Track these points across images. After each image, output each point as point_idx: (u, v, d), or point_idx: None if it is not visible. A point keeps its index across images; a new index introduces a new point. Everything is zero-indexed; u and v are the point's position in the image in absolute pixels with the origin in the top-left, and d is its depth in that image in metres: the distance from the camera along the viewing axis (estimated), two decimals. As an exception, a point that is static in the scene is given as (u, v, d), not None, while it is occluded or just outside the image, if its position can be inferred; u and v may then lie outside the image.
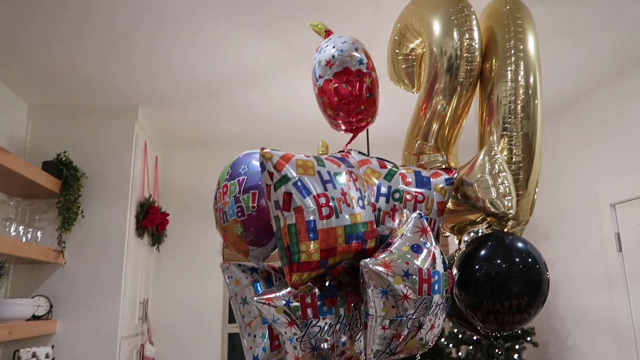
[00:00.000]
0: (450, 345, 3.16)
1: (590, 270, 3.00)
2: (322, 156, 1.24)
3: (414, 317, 1.10)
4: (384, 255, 1.13)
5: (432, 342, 1.18)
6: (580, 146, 3.14)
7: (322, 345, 1.16)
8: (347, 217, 1.14)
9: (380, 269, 1.09)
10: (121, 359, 2.87)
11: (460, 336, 3.13)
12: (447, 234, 1.67)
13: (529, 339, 3.06)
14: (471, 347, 3.04)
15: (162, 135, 3.77)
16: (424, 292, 1.11)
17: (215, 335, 3.61)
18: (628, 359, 2.67)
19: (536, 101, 1.63)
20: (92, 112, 3.12)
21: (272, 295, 1.18)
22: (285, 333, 1.16)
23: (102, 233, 2.95)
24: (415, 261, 1.13)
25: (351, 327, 1.22)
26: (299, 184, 1.12)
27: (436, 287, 1.13)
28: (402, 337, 1.10)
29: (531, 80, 1.63)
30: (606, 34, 2.43)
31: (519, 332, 3.06)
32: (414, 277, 1.10)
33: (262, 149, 1.15)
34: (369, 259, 1.11)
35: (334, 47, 1.50)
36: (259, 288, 1.34)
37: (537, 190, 1.66)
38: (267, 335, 1.28)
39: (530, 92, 1.62)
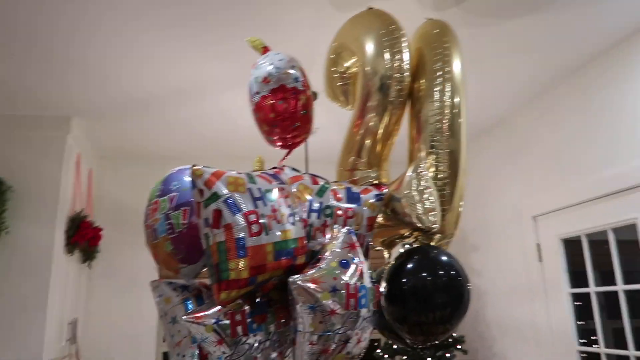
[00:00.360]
0: (386, 356, 3.23)
1: (514, 279, 3.18)
2: (254, 173, 1.26)
3: (341, 331, 1.13)
4: (312, 271, 1.15)
5: (359, 356, 1.21)
6: (505, 163, 3.33)
7: (251, 362, 1.16)
8: (277, 233, 1.15)
9: (309, 285, 1.11)
10: (46, 382, 2.72)
11: (395, 347, 3.20)
12: (378, 248, 1.72)
13: (459, 347, 3.18)
14: (405, 357, 3.12)
15: (97, 148, 3.64)
16: (351, 306, 1.14)
17: (148, 355, 3.49)
18: (548, 362, 2.84)
19: (460, 120, 1.72)
20: (20, 123, 2.96)
21: (202, 313, 1.17)
22: (214, 352, 1.15)
23: (27, 250, 2.80)
24: (343, 277, 1.16)
25: (281, 343, 1.23)
26: (229, 201, 1.13)
27: (363, 301, 1.16)
28: (330, 352, 1.13)
29: (456, 100, 1.72)
30: (525, 59, 2.60)
31: (450, 340, 3.17)
32: (342, 292, 1.13)
33: (193, 165, 1.15)
34: (297, 276, 1.13)
35: (271, 64, 1.52)
36: (190, 306, 1.32)
37: (462, 204, 1.74)
38: (196, 355, 1.27)
39: (455, 111, 1.70)
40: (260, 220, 1.14)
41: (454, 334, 3.18)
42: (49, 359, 2.76)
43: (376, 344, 3.81)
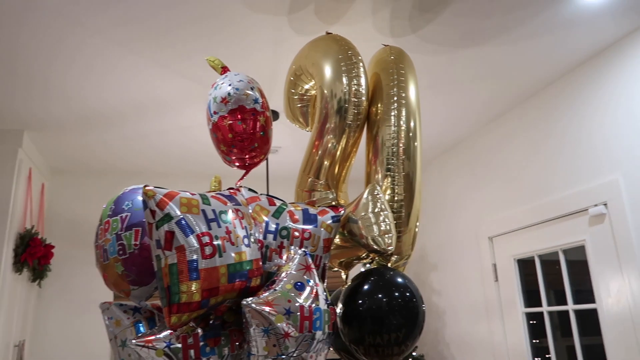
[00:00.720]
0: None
1: (472, 298, 3.24)
2: (208, 194, 1.25)
3: (296, 354, 1.12)
4: (266, 293, 1.15)
5: (313, 379, 1.21)
6: (464, 185, 3.42)
7: (203, 387, 1.14)
8: (231, 255, 1.15)
9: (262, 307, 1.11)
10: (-13, 411, 2.57)
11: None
12: (335, 269, 1.73)
13: (418, 366, 3.21)
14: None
15: (51, 162, 3.53)
16: (305, 329, 1.14)
17: None
18: (504, 381, 2.89)
19: (416, 144, 1.76)
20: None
21: (152, 337, 1.15)
22: (165, 376, 1.13)
23: (-30, 270, 2.67)
24: (297, 299, 1.16)
25: (235, 366, 1.22)
26: (182, 222, 1.12)
27: (317, 323, 1.16)
28: (283, 375, 1.12)
29: (412, 124, 1.76)
30: (481, 85, 2.70)
31: (410, 359, 3.19)
32: (296, 314, 1.13)
33: (145, 186, 1.13)
34: (250, 298, 1.12)
35: (229, 84, 1.52)
36: (142, 329, 1.29)
37: (417, 226, 1.78)
38: (147, 379, 1.23)
39: (411, 135, 1.75)
40: (214, 242, 1.13)
41: (414, 353, 3.20)
42: (-8, 386, 2.62)
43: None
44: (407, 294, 1.41)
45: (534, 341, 2.80)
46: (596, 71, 2.41)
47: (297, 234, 1.38)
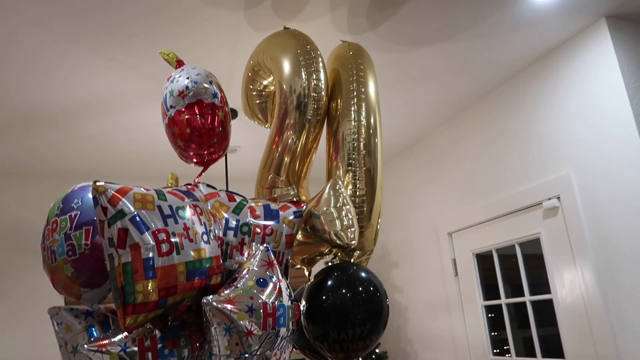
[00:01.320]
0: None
1: (434, 294, 3.28)
2: (164, 189, 1.20)
3: (259, 352, 1.09)
4: (228, 291, 1.11)
5: (277, 377, 1.17)
6: (424, 182, 3.46)
7: (162, 391, 1.09)
8: (190, 253, 1.10)
9: (224, 305, 1.07)
10: None
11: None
12: (298, 266, 1.70)
13: (381, 363, 3.22)
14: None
15: (-6, 165, 3.34)
16: (268, 326, 1.10)
17: None
18: (465, 374, 2.94)
19: (377, 140, 1.76)
20: None
21: (106, 341, 1.08)
22: (121, 382, 1.07)
23: None
24: (260, 295, 1.12)
25: (195, 368, 1.17)
26: (137, 219, 1.06)
27: (281, 320, 1.13)
28: (246, 374, 1.08)
29: (372, 120, 1.76)
30: (437, 84, 2.74)
31: (374, 357, 3.20)
32: (259, 311, 1.10)
33: (95, 181, 1.07)
34: (211, 296, 1.07)
35: (187, 77, 1.47)
36: (94, 333, 1.22)
37: (379, 222, 1.77)
38: (101, 387, 1.16)
39: (371, 131, 1.74)
40: (171, 239, 1.08)
41: (377, 350, 3.20)
42: None
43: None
44: (371, 289, 1.40)
45: (493, 334, 2.86)
46: (547, 70, 2.49)
47: (258, 230, 1.34)
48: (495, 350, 2.82)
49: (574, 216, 2.29)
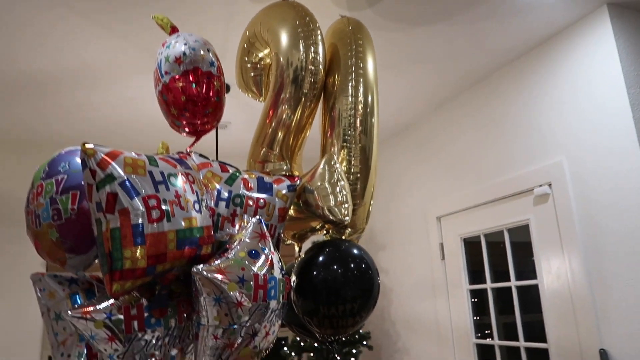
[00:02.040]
0: (293, 353, 3.19)
1: (419, 277, 3.29)
2: (156, 156, 1.16)
3: (248, 324, 1.07)
4: (218, 261, 1.08)
5: (266, 351, 1.15)
6: (414, 166, 3.45)
7: (148, 360, 1.06)
8: (181, 220, 1.07)
9: (214, 275, 1.04)
10: None
11: (302, 344, 3.18)
12: (289, 241, 1.68)
13: (364, 343, 3.23)
14: (312, 354, 3.10)
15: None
16: (259, 298, 1.08)
17: None
18: (446, 355, 2.96)
19: (373, 119, 1.72)
20: None
21: (91, 308, 1.05)
22: (105, 350, 1.04)
23: None
24: (252, 267, 1.10)
25: (182, 339, 1.14)
26: (127, 184, 1.02)
27: (272, 292, 1.11)
28: (235, 346, 1.06)
29: (369, 98, 1.72)
30: (431, 67, 2.71)
31: (356, 337, 3.21)
32: (250, 283, 1.07)
33: (84, 143, 1.03)
34: (201, 265, 1.05)
35: (185, 44, 1.42)
36: (79, 300, 1.19)
37: (372, 201, 1.75)
38: (84, 355, 1.14)
39: (368, 110, 1.71)
40: (162, 206, 1.05)
41: (360, 331, 3.22)
42: None
43: (283, 342, 3.77)
44: (363, 265, 1.39)
45: (476, 318, 2.88)
46: (545, 57, 2.47)
47: (251, 202, 1.31)
48: (478, 334, 2.85)
49: (564, 204, 2.30)
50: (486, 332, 2.83)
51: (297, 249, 1.63)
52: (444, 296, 3.04)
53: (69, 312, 1.04)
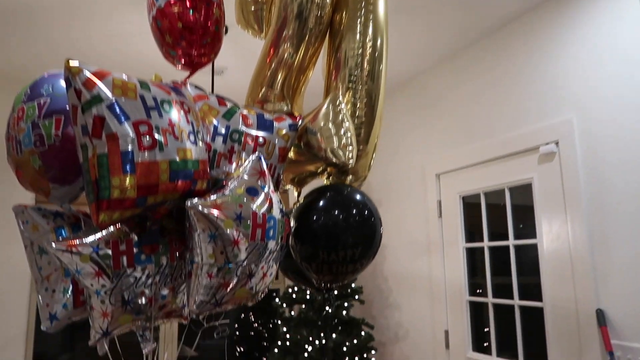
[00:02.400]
0: (284, 305, 3.19)
1: (415, 234, 3.26)
2: (148, 80, 1.06)
3: (245, 264, 1.00)
4: (215, 196, 1.00)
5: (262, 293, 1.10)
6: (414, 121, 3.35)
7: (137, 298, 1.00)
8: (174, 151, 0.98)
9: (210, 210, 0.96)
10: None
11: (294, 296, 3.17)
12: (288, 186, 1.61)
13: (356, 297, 3.23)
14: (304, 306, 3.10)
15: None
16: (257, 237, 1.01)
17: (18, 311, 3.09)
18: (439, 312, 2.96)
19: (381, 66, 1.61)
20: None
21: (77, 241, 0.98)
22: (92, 285, 0.97)
23: None
24: (250, 204, 1.02)
25: (174, 278, 1.08)
26: (115, 107, 0.93)
27: (271, 232, 1.04)
28: (230, 286, 1.00)
29: (379, 40, 1.61)
30: (441, 17, 2.57)
31: (349, 290, 3.20)
32: (247, 221, 1.00)
33: (68, 60, 0.92)
34: (196, 199, 0.97)
35: None
36: (64, 234, 1.12)
37: (375, 150, 1.67)
38: (70, 290, 1.07)
39: (376, 53, 1.60)
40: (154, 134, 0.96)
41: (352, 285, 3.21)
42: None
43: (274, 294, 3.77)
44: (366, 212, 1.32)
45: (470, 277, 2.86)
46: (563, 6, 2.34)
47: (250, 139, 1.22)
48: (472, 293, 2.83)
49: (570, 163, 2.23)
50: (479, 291, 2.82)
51: (295, 193, 1.56)
52: (439, 254, 3.01)
53: (53, 245, 0.97)
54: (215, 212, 0.96)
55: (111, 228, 1.01)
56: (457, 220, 2.91)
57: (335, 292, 3.07)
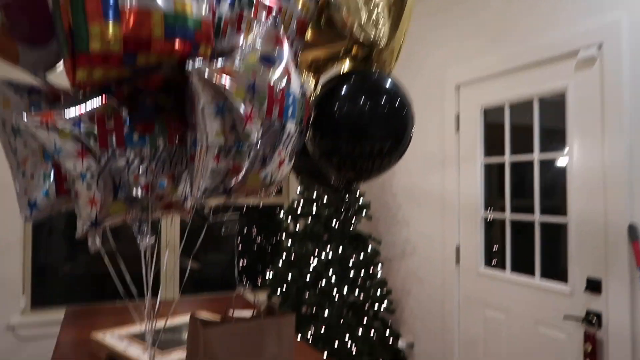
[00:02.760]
0: (289, 219, 3.09)
1: (428, 148, 3.09)
2: None
3: (259, 146, 0.83)
4: (222, 62, 0.81)
5: (278, 184, 0.93)
6: (432, 27, 3.06)
7: (131, 185, 0.84)
8: (170, 2, 0.77)
9: (217, 76, 0.77)
10: None
11: (299, 212, 3.06)
12: (304, 74, 1.40)
13: (364, 213, 3.12)
14: (309, 220, 3.00)
15: None
16: (274, 115, 0.83)
17: (13, 268, 2.96)
18: (450, 228, 2.86)
19: None
20: None
21: (54, 114, 0.80)
22: (75, 167, 0.81)
23: None
24: (266, 75, 0.83)
25: (174, 164, 0.91)
26: None
27: (290, 111, 0.86)
28: (241, 171, 0.83)
29: None
30: None
31: (357, 207, 3.09)
32: (263, 94, 0.81)
33: None
34: (200, 62, 0.78)
35: None
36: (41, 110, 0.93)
37: (404, 39, 1.45)
38: (51, 176, 0.91)
39: None
40: (145, -23, 0.74)
41: (361, 198, 3.08)
42: None
43: (279, 207, 3.67)
44: (398, 101, 1.13)
45: (487, 194, 2.72)
46: None
47: (262, 6, 1.00)
48: (487, 210, 2.71)
49: (614, 71, 2.00)
50: (492, 207, 2.69)
51: (313, 82, 1.36)
52: (454, 169, 2.85)
53: (25, 118, 0.79)
54: (224, 77, 0.77)
55: (96, 102, 0.83)
56: (476, 135, 2.72)
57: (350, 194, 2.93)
